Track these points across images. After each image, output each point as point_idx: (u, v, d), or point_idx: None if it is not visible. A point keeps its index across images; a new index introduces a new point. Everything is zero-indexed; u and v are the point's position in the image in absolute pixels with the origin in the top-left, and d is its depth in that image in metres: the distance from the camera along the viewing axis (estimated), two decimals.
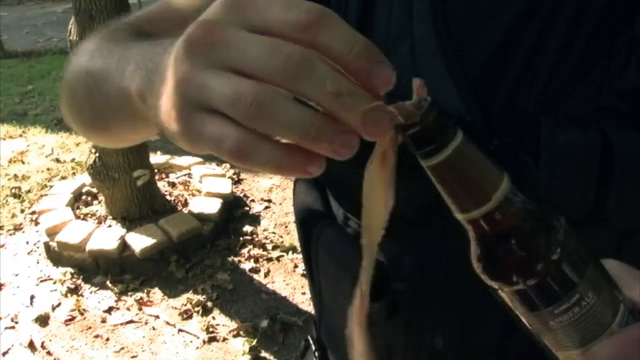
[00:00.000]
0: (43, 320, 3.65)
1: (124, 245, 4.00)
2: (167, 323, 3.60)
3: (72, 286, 3.91)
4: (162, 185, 4.68)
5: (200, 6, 0.92)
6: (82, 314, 3.69)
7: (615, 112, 0.76)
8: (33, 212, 4.74)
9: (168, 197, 4.59)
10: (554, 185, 0.77)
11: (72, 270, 4.03)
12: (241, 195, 4.88)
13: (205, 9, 0.90)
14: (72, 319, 3.66)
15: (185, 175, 4.93)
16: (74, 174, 5.30)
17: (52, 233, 4.14)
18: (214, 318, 3.61)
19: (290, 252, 4.14)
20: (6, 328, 3.60)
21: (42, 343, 3.48)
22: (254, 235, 4.35)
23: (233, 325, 3.54)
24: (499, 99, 0.79)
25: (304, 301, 3.67)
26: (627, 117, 0.75)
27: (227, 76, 0.47)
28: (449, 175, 0.53)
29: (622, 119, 0.76)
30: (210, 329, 3.50)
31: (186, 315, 3.63)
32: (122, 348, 3.43)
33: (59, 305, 3.78)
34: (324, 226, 1.01)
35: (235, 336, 3.47)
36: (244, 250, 4.19)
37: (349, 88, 0.46)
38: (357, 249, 0.58)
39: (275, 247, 4.23)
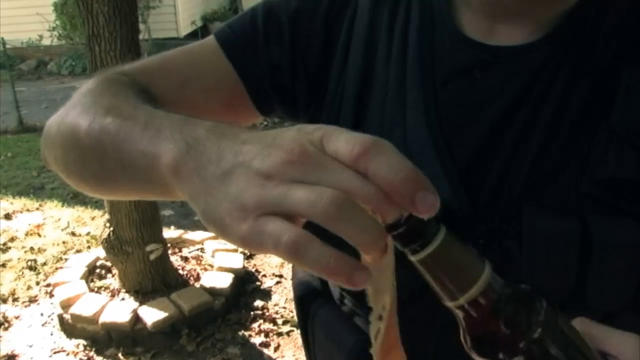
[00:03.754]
0: None
1: (136, 319, 4.05)
2: None
3: (85, 358, 3.95)
4: (175, 260, 4.73)
5: (199, 70, 1.00)
6: None
7: (595, 199, 0.81)
8: (48, 285, 4.80)
9: (180, 272, 4.63)
10: (536, 270, 0.81)
11: (85, 343, 4.07)
12: (253, 270, 4.92)
13: (205, 74, 0.99)
14: None
15: (197, 250, 4.99)
16: (88, 247, 5.37)
17: (66, 305, 4.19)
18: None
19: None
20: None
21: None
22: (265, 310, 4.38)
23: None
24: (485, 187, 0.86)
25: None
26: (606, 204, 0.81)
27: (307, 186, 0.54)
28: (435, 267, 0.58)
29: (601, 206, 0.81)
30: None
31: None
32: None
33: None
34: (321, 304, 1.04)
35: None
36: (255, 325, 4.22)
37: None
38: (351, 326, 0.64)
39: (285, 322, 4.25)
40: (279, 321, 4.26)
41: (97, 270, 4.75)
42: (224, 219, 0.57)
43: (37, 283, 4.90)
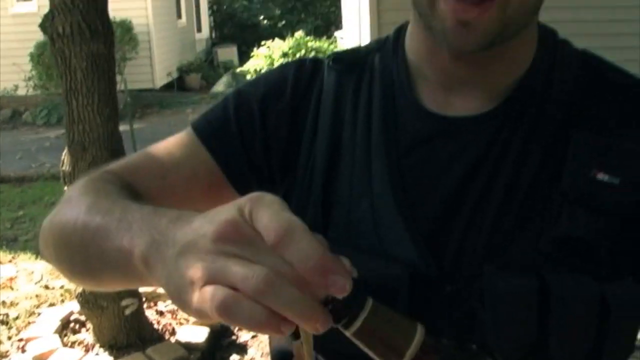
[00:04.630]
0: None
1: None
2: None
3: None
4: (150, 314, 4.69)
5: (179, 160, 1.06)
6: None
7: (552, 257, 0.88)
8: (20, 339, 4.72)
9: (156, 326, 4.59)
10: (499, 326, 0.87)
11: None
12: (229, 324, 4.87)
13: (184, 163, 1.03)
14: None
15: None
16: (62, 300, 5.31)
17: None
18: None
19: None
20: None
21: None
22: None
23: None
24: (449, 250, 0.92)
25: None
26: (561, 261, 0.87)
27: (242, 262, 0.59)
28: (367, 338, 0.62)
29: (557, 263, 0.87)
30: None
31: None
32: None
33: None
34: None
35: None
36: None
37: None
38: None
39: None
40: None
41: (71, 325, 4.70)
42: (181, 295, 0.63)
43: (9, 338, 4.83)
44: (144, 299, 4.53)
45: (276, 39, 11.06)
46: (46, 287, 5.66)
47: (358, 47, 1.13)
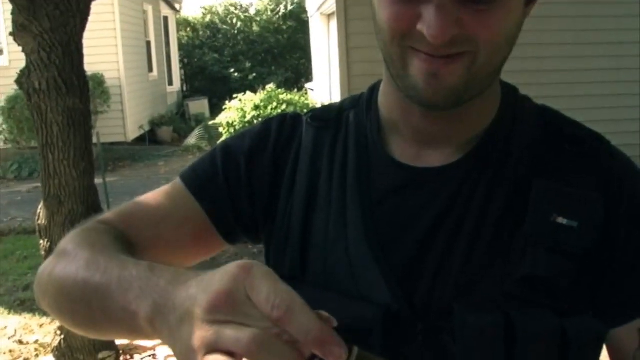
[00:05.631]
0: None
1: None
2: None
3: None
4: None
5: (169, 210, 1.12)
6: None
7: (517, 294, 0.95)
8: None
9: None
10: None
11: None
12: None
13: (174, 213, 1.13)
14: None
15: (150, 356, 4.92)
16: (37, 355, 5.26)
17: None
18: None
19: None
20: None
21: None
22: None
23: None
24: (421, 290, 0.98)
25: None
26: (525, 298, 0.95)
27: (235, 326, 0.64)
28: None
29: (522, 300, 0.95)
30: None
31: None
32: None
33: None
34: None
35: None
36: None
37: None
38: None
39: None
40: None
41: None
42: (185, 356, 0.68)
43: None
44: (120, 352, 4.51)
45: (248, 92, 11.12)
46: (20, 342, 5.60)
47: (334, 104, 1.22)
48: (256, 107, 10.31)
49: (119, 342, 4.58)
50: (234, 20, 24.96)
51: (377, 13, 0.94)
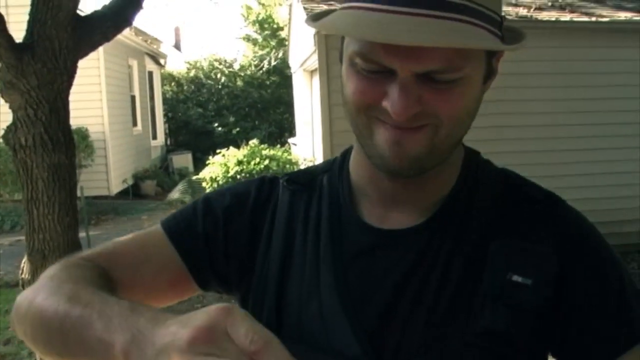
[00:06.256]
0: None
1: None
2: None
3: None
4: None
5: (149, 254, 1.19)
6: None
7: (478, 346, 1.02)
8: None
9: None
10: None
11: None
12: None
13: (153, 257, 1.20)
14: None
15: None
16: None
17: None
18: None
19: None
20: None
21: None
22: None
23: None
24: (389, 345, 1.05)
25: None
26: (486, 349, 1.02)
27: (211, 357, 0.69)
28: None
29: (483, 351, 1.02)
30: None
31: None
32: None
33: None
34: None
35: None
36: None
37: None
38: None
39: None
40: None
41: None
42: None
43: None
44: None
45: (231, 148, 11.19)
46: None
47: (309, 168, 1.30)
48: (239, 163, 10.37)
49: None
50: (218, 75, 25.13)
51: (345, 86, 1.01)
